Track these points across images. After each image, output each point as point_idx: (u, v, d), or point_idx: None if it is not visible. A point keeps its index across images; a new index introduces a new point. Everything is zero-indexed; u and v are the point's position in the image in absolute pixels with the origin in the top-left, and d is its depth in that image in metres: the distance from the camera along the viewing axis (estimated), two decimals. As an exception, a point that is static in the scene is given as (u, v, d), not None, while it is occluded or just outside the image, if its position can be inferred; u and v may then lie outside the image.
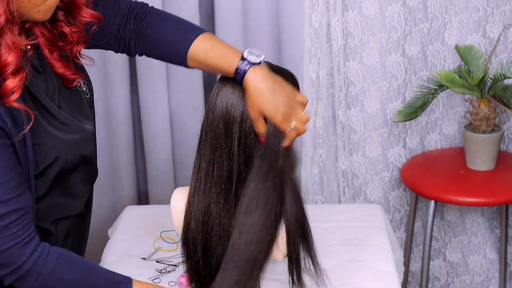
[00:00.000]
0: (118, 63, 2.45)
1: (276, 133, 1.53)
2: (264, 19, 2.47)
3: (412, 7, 2.49)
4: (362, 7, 2.46)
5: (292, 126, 1.53)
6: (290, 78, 1.60)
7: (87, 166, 1.57)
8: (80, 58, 1.56)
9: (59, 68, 1.52)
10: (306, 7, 2.41)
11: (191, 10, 2.43)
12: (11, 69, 1.33)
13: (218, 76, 1.61)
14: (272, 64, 1.60)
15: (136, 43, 1.64)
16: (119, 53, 1.72)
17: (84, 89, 1.59)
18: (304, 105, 1.56)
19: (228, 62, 1.54)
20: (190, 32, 1.60)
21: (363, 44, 2.50)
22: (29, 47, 1.45)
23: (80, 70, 1.58)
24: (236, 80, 1.54)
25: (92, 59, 1.60)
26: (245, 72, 1.52)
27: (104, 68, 2.47)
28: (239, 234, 1.53)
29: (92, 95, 1.61)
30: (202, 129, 1.61)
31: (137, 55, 1.67)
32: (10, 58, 1.33)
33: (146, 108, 2.51)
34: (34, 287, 1.42)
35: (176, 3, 2.43)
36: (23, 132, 1.38)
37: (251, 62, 1.52)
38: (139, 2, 1.67)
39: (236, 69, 1.53)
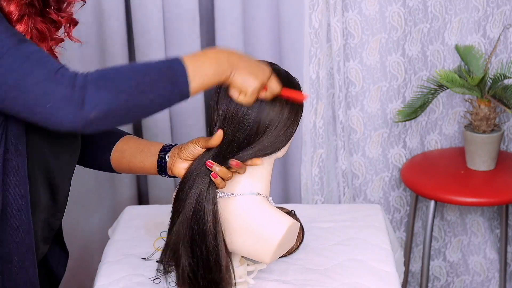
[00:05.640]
0: (117, 63, 2.44)
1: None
2: (264, 19, 2.47)
3: (412, 7, 2.49)
4: (362, 7, 2.46)
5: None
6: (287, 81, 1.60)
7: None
8: (71, 40, 1.63)
9: None
10: (306, 7, 2.41)
11: (191, 11, 2.43)
12: (15, 16, 1.46)
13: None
14: (276, 65, 1.60)
15: None
16: (119, 54, 1.71)
17: None
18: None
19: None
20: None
21: (363, 44, 2.50)
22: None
23: None
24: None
25: (80, 41, 1.64)
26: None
27: (104, 68, 2.46)
28: None
29: None
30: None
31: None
32: (12, 8, 1.46)
33: (146, 108, 2.50)
34: (101, 99, 1.41)
35: (176, 4, 2.43)
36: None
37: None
38: None
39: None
